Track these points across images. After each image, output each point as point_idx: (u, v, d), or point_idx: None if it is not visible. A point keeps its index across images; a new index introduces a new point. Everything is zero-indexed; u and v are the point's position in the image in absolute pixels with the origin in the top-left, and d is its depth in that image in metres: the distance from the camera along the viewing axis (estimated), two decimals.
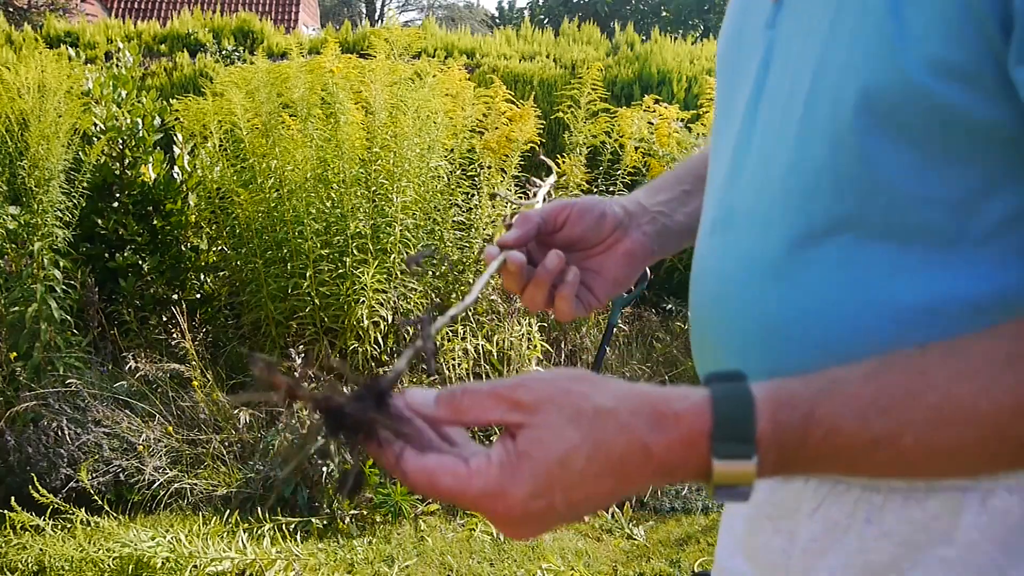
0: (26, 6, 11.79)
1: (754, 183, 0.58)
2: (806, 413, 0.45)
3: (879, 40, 0.49)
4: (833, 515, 0.59)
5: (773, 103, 0.57)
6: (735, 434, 0.44)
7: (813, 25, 0.54)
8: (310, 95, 3.20)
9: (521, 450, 0.45)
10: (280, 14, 16.09)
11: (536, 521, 0.46)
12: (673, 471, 0.45)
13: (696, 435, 0.44)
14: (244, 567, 2.29)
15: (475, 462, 0.46)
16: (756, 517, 0.68)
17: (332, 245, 3.20)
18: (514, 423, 0.45)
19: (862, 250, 0.52)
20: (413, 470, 0.45)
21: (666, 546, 2.57)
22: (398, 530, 2.61)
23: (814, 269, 0.54)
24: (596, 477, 0.45)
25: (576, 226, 0.71)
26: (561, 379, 0.47)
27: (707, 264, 0.63)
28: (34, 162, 2.99)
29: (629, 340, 3.88)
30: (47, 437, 2.67)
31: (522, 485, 0.44)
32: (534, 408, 0.45)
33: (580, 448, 0.44)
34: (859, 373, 0.46)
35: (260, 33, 6.23)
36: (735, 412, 0.45)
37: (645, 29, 14.83)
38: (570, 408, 0.45)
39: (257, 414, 2.95)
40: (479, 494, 0.45)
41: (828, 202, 0.53)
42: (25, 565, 2.25)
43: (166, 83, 5.01)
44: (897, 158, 0.50)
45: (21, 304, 2.90)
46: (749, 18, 0.62)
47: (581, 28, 6.38)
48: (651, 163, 4.06)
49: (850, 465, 0.46)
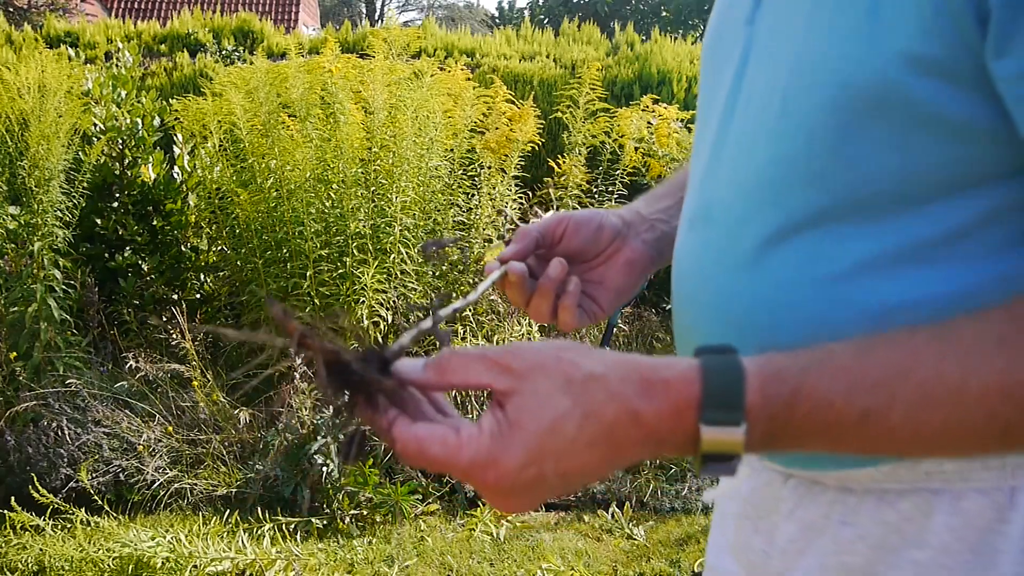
0: (26, 6, 11.78)
1: (731, 178, 0.58)
2: (795, 387, 0.45)
3: (855, 35, 0.49)
4: (809, 516, 0.60)
5: (751, 98, 0.57)
6: (724, 402, 0.44)
7: (791, 21, 0.54)
8: (309, 95, 3.20)
9: (512, 418, 0.44)
10: (280, 14, 16.08)
11: (527, 491, 0.45)
12: (662, 440, 0.45)
13: (685, 403, 0.44)
14: (244, 567, 2.29)
15: (465, 431, 0.45)
16: (740, 516, 0.68)
17: (332, 245, 3.20)
18: (502, 390, 0.45)
19: (837, 245, 0.52)
20: (403, 437, 0.45)
21: (666, 546, 2.57)
22: (398, 530, 2.61)
23: (789, 263, 0.54)
24: (587, 445, 0.44)
25: (574, 239, 0.71)
26: (551, 347, 0.46)
27: (685, 259, 0.64)
28: (34, 162, 2.99)
29: (629, 340, 3.88)
30: (47, 437, 2.67)
31: (513, 454, 0.44)
32: (523, 374, 0.45)
33: (570, 415, 0.44)
34: (849, 349, 0.46)
35: (260, 33, 6.23)
36: (724, 381, 0.45)
37: (645, 29, 14.84)
38: (560, 375, 0.45)
39: (257, 414, 2.95)
40: (469, 463, 0.44)
41: (803, 196, 0.53)
42: (25, 565, 2.25)
43: (166, 83, 5.01)
44: (873, 153, 0.50)
45: (21, 304, 2.90)
46: (731, 13, 0.62)
47: (581, 28, 6.38)
48: (650, 163, 4.06)
49: (837, 440, 0.46)
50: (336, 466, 2.61)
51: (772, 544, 0.63)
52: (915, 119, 0.48)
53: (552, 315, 0.70)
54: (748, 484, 0.67)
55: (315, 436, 2.70)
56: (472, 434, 0.45)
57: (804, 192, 0.53)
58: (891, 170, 0.50)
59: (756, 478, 0.66)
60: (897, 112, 0.48)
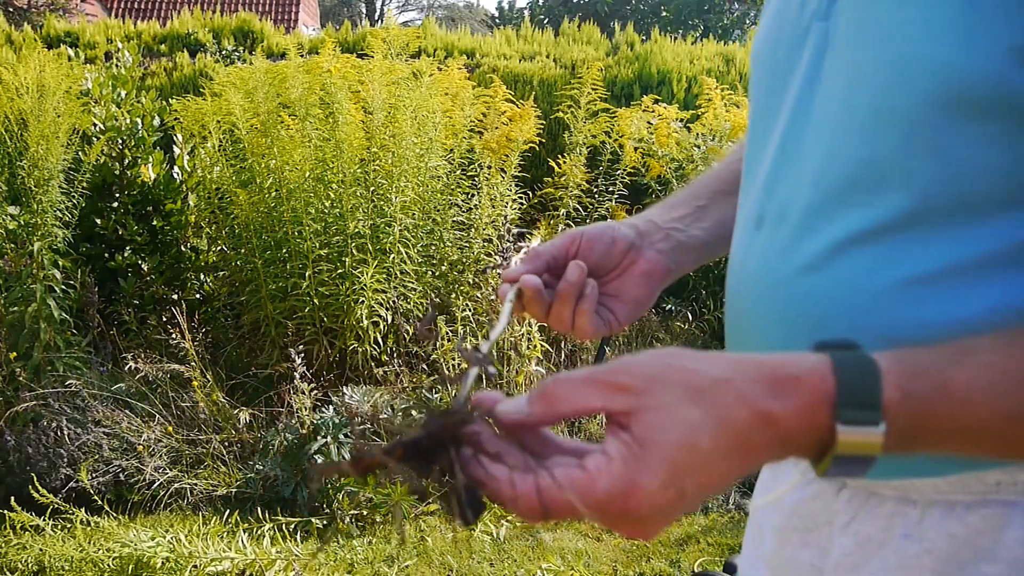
0: (26, 6, 11.78)
1: (809, 177, 0.56)
2: (939, 383, 0.42)
3: (955, 29, 0.46)
4: (867, 529, 0.58)
5: (830, 96, 0.55)
6: (861, 400, 0.41)
7: (877, 14, 0.51)
8: (308, 95, 3.20)
9: (641, 437, 0.41)
10: (280, 14, 16.09)
11: (666, 513, 0.42)
12: (791, 440, 0.42)
13: (818, 401, 0.41)
14: (244, 567, 2.29)
15: (592, 463, 0.42)
16: (785, 529, 0.66)
17: (331, 245, 3.20)
18: (622, 410, 0.42)
19: (923, 248, 0.50)
20: (523, 492, 0.41)
21: (666, 546, 2.57)
22: (398, 530, 2.61)
23: (870, 266, 0.52)
24: (723, 456, 0.41)
25: (588, 256, 0.69)
26: (657, 357, 0.43)
27: (750, 259, 0.61)
28: (33, 162, 2.99)
29: (629, 340, 3.88)
30: (47, 437, 2.67)
31: (654, 475, 0.40)
32: (641, 390, 0.42)
33: (703, 425, 0.41)
34: (989, 344, 0.44)
35: (260, 33, 6.23)
36: (860, 376, 0.42)
37: (645, 29, 14.84)
38: (681, 384, 0.42)
39: (257, 414, 2.95)
40: (607, 496, 0.41)
41: (894, 196, 0.50)
42: (25, 565, 2.25)
43: (166, 83, 5.01)
44: (975, 153, 0.48)
45: (21, 304, 2.90)
46: (795, 9, 0.60)
47: (581, 28, 6.39)
48: (650, 163, 4.06)
49: (978, 442, 0.43)
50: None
51: (825, 559, 0.61)
52: (1020, 114, 0.46)
53: (571, 324, 0.67)
54: (794, 495, 0.65)
55: (315, 436, 2.70)
56: (600, 464, 0.41)
57: (895, 192, 0.50)
58: (993, 170, 0.47)
59: (803, 489, 0.64)
60: (1004, 109, 0.46)
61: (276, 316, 3.21)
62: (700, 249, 0.73)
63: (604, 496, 0.41)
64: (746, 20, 18.98)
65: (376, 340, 3.20)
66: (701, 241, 0.73)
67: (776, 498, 0.67)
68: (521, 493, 0.42)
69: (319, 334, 3.18)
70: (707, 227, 0.74)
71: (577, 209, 3.91)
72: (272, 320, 3.22)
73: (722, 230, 0.73)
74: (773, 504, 0.68)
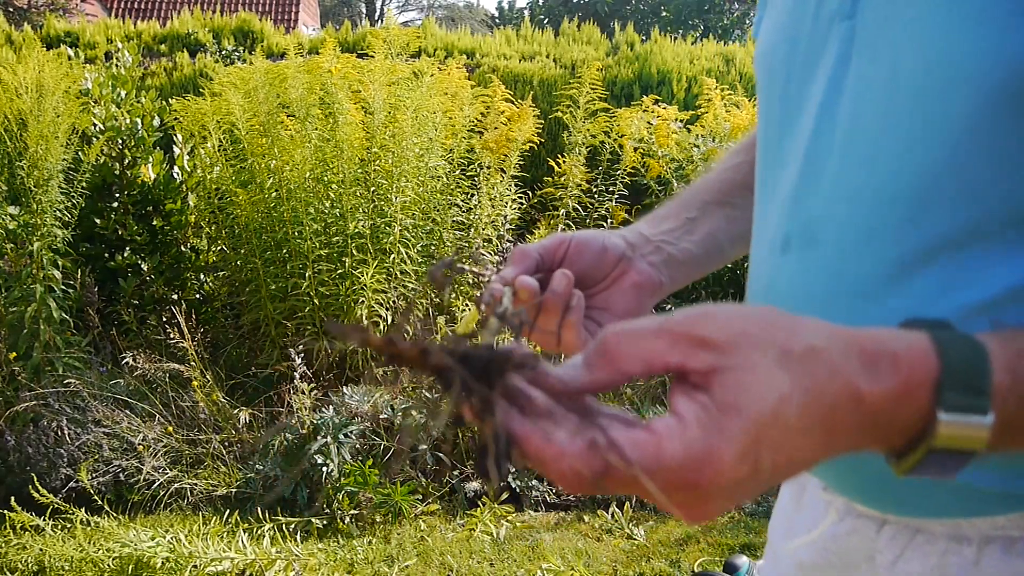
0: (26, 6, 11.78)
1: (844, 191, 0.51)
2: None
3: (1010, 25, 0.42)
4: (916, 568, 0.53)
5: (861, 102, 0.50)
6: (968, 383, 0.36)
7: (911, 11, 0.47)
8: (308, 95, 3.20)
9: (722, 400, 0.35)
10: (280, 14, 16.09)
11: (735, 491, 0.36)
12: (880, 425, 0.37)
13: (918, 382, 0.36)
14: (244, 567, 2.29)
15: (661, 424, 0.35)
16: (818, 565, 0.62)
17: (331, 245, 3.20)
18: (702, 368, 0.36)
19: (984, 268, 0.45)
20: (574, 454, 0.35)
21: (666, 546, 2.57)
22: (398, 530, 2.61)
23: (926, 290, 0.47)
24: (805, 432, 0.36)
25: (577, 262, 0.64)
26: (755, 312, 0.38)
27: (780, 285, 0.55)
28: (33, 162, 2.99)
29: None
30: (47, 437, 2.67)
31: (733, 444, 0.34)
32: (727, 347, 0.36)
33: (791, 396, 0.35)
34: None
35: (260, 33, 6.23)
36: (966, 355, 0.37)
37: (645, 29, 14.83)
38: (773, 346, 0.36)
39: (257, 414, 2.95)
40: (675, 465, 0.34)
41: (950, 211, 0.46)
42: (25, 565, 2.25)
43: (166, 83, 5.01)
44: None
45: (21, 304, 2.90)
46: (812, 8, 0.55)
47: (581, 28, 6.39)
48: (650, 163, 4.06)
49: None
50: (336, 466, 2.61)
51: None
52: None
53: (558, 337, 0.61)
54: (829, 530, 0.61)
55: (315, 436, 2.70)
56: (671, 426, 0.35)
57: (951, 207, 0.46)
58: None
59: (838, 525, 0.60)
60: None
61: (276, 316, 3.21)
62: (692, 263, 0.69)
63: (673, 463, 0.34)
64: (746, 20, 19.00)
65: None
66: (692, 255, 0.69)
67: (805, 532, 0.63)
68: (569, 452, 0.35)
69: (319, 334, 3.18)
70: (698, 240, 0.70)
71: (577, 209, 3.91)
72: (272, 320, 3.22)
73: (714, 243, 0.70)
74: (809, 542, 0.63)
